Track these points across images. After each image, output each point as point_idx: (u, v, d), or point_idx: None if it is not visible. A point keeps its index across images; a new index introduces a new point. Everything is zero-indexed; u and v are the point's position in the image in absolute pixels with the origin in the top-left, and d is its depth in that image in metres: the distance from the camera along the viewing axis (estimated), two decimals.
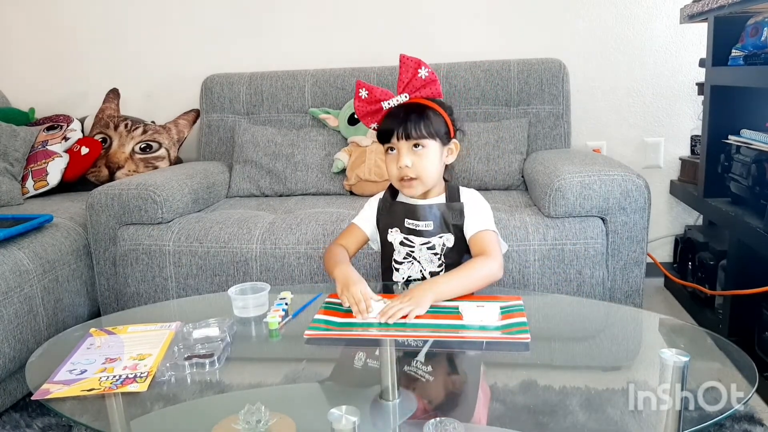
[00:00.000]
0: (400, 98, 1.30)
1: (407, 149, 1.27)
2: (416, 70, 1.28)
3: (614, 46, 2.30)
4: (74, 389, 0.93)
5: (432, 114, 1.28)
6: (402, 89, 1.30)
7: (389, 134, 1.28)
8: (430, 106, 1.29)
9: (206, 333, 1.08)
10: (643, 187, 1.61)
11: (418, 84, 1.29)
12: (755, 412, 1.40)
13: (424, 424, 0.77)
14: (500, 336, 1.05)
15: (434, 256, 1.31)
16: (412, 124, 1.26)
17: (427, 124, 1.27)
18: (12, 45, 2.55)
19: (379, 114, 1.32)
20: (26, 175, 2.18)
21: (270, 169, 2.15)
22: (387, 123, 1.30)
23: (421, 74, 1.28)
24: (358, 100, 1.33)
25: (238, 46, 2.45)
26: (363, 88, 1.32)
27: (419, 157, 1.28)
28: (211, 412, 0.93)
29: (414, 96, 1.30)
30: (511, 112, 2.16)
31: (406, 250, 1.32)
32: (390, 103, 1.31)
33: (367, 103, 1.32)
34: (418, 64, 1.29)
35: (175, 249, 1.71)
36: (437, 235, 1.30)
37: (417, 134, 1.26)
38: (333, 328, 1.11)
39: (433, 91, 1.30)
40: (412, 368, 0.98)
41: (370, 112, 1.33)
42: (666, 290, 2.29)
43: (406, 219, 1.32)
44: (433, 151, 1.29)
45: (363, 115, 1.34)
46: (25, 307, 1.53)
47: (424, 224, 1.31)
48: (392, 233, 1.34)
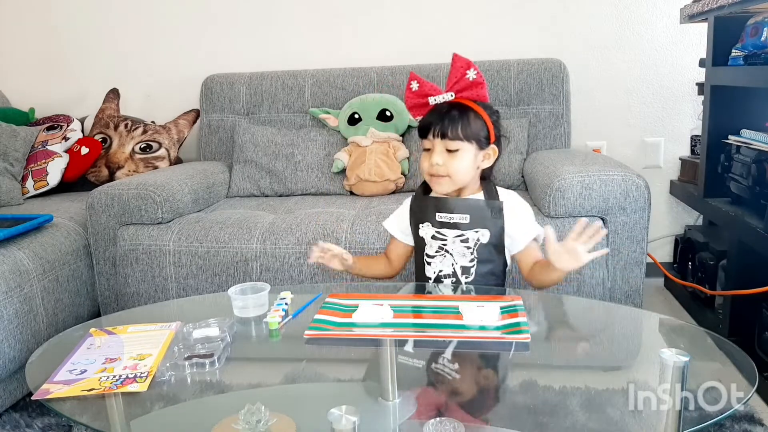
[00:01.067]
0: (446, 96, 1.30)
1: (441, 148, 1.28)
2: (465, 71, 1.28)
3: (614, 46, 2.30)
4: (74, 389, 0.93)
5: (473, 116, 1.28)
6: (450, 88, 1.30)
7: (426, 130, 1.29)
8: (473, 109, 1.29)
9: (206, 333, 1.08)
10: (643, 187, 1.61)
11: (464, 84, 1.28)
12: (755, 412, 1.40)
13: (424, 424, 0.77)
14: (500, 336, 1.05)
15: (467, 249, 1.31)
16: (450, 125, 1.26)
17: (465, 126, 1.27)
18: (12, 45, 2.55)
19: (425, 108, 1.33)
20: (26, 175, 2.18)
21: (270, 169, 2.15)
22: (427, 119, 1.30)
23: (469, 76, 1.28)
24: (408, 91, 1.33)
25: (238, 46, 2.45)
26: (415, 81, 1.32)
27: (452, 158, 1.28)
28: (211, 412, 0.93)
29: (459, 96, 1.30)
30: (511, 112, 2.16)
31: (438, 243, 1.33)
32: (436, 99, 1.30)
33: (416, 96, 1.33)
34: (468, 65, 1.28)
35: (175, 249, 1.71)
36: (473, 229, 1.30)
37: (452, 135, 1.26)
38: (333, 328, 1.11)
39: (479, 93, 1.29)
40: (438, 366, 0.99)
41: (418, 105, 1.34)
42: (666, 290, 2.29)
43: (438, 213, 1.32)
44: (467, 154, 1.29)
45: (411, 107, 1.35)
46: (25, 307, 1.53)
47: (460, 217, 1.30)
48: (423, 228, 1.34)
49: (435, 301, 1.24)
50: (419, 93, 1.32)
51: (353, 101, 2.18)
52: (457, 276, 1.32)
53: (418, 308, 1.20)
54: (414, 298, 1.29)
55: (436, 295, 1.30)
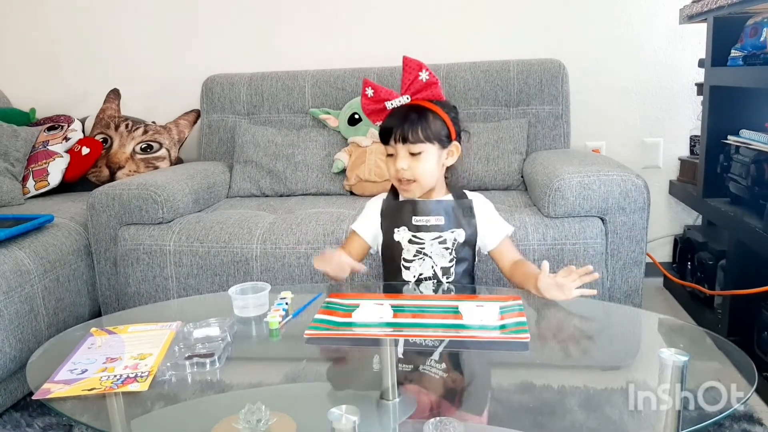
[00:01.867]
0: (402, 99, 1.31)
1: (404, 153, 1.29)
2: (417, 73, 1.29)
3: (614, 46, 2.30)
4: (75, 389, 0.94)
5: (431, 117, 1.29)
6: (404, 90, 1.31)
7: (388, 135, 1.30)
8: (431, 109, 1.29)
9: (207, 333, 1.09)
10: (643, 187, 1.62)
11: (419, 86, 1.29)
12: (755, 412, 1.41)
13: (424, 424, 0.77)
14: (500, 336, 1.05)
15: (445, 250, 1.32)
16: (410, 129, 1.27)
17: (425, 128, 1.27)
18: (12, 45, 2.55)
19: (383, 113, 1.33)
20: (27, 176, 2.18)
21: (270, 169, 2.15)
22: (386, 123, 1.31)
23: (422, 77, 1.29)
24: (364, 98, 1.35)
25: (239, 46, 2.45)
26: (369, 87, 1.33)
27: (416, 161, 1.29)
28: (211, 412, 0.93)
29: (415, 98, 1.30)
30: (510, 113, 2.17)
31: (415, 247, 1.33)
32: (393, 103, 1.32)
33: (372, 102, 1.34)
34: (419, 66, 1.29)
35: (176, 249, 1.71)
36: (449, 230, 1.32)
37: (413, 138, 1.27)
38: (333, 328, 1.11)
39: (434, 93, 1.30)
40: (426, 367, 0.99)
41: (376, 111, 1.35)
42: (665, 290, 2.29)
43: (414, 216, 1.32)
44: (431, 155, 1.30)
45: (369, 113, 1.36)
46: (26, 306, 1.53)
47: (436, 219, 1.32)
48: (399, 232, 1.34)
49: (435, 301, 1.25)
50: (375, 99, 1.33)
51: (353, 101, 2.18)
52: (438, 277, 1.33)
53: (418, 308, 1.21)
54: (414, 298, 1.30)
55: (437, 295, 1.31)
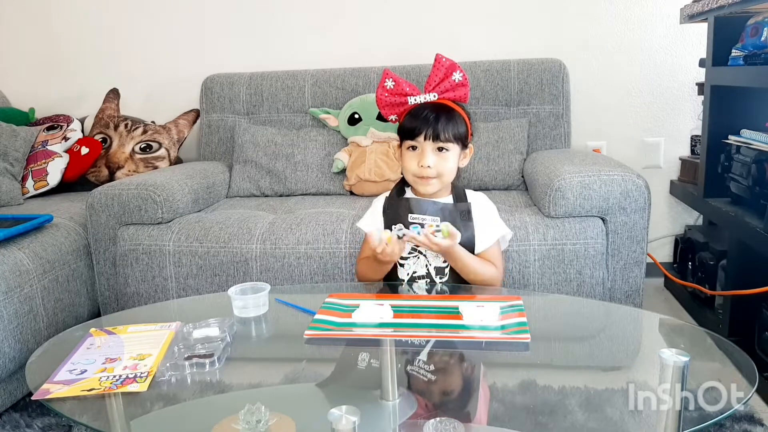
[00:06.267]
0: (428, 96, 1.29)
1: (432, 150, 1.28)
2: (450, 73, 1.28)
3: (614, 46, 2.30)
4: (74, 389, 0.93)
5: (458, 118, 1.29)
6: (432, 88, 1.29)
7: (414, 132, 1.28)
8: (456, 110, 1.29)
9: (206, 333, 1.08)
10: (643, 187, 1.61)
11: (449, 86, 1.28)
12: (755, 412, 1.40)
13: (424, 424, 0.77)
14: (500, 336, 1.05)
15: None
16: (443, 128, 1.26)
17: (455, 127, 1.28)
18: (12, 45, 2.55)
19: (401, 107, 1.31)
20: (26, 175, 2.18)
21: (270, 169, 2.15)
22: (414, 121, 1.29)
23: (455, 78, 1.28)
24: (382, 89, 1.31)
25: (238, 46, 2.45)
26: (390, 78, 1.30)
27: (442, 159, 1.29)
28: (211, 412, 0.93)
29: (443, 97, 1.29)
30: (511, 112, 2.16)
31: (410, 245, 1.33)
32: (417, 99, 1.30)
33: (391, 94, 1.31)
34: (453, 66, 1.28)
35: (175, 249, 1.71)
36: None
37: (445, 137, 1.27)
38: (333, 328, 1.11)
39: (463, 95, 1.29)
40: (414, 368, 0.99)
41: (393, 104, 1.32)
42: (666, 290, 2.29)
43: (410, 214, 1.32)
44: (454, 154, 1.31)
45: (384, 106, 1.33)
46: (25, 307, 1.53)
47: (431, 219, 1.31)
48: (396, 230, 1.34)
49: (435, 301, 1.25)
50: (395, 91, 1.30)
51: (353, 101, 2.18)
52: (432, 276, 1.33)
53: (418, 308, 1.20)
54: (414, 298, 1.29)
55: (437, 295, 1.30)
